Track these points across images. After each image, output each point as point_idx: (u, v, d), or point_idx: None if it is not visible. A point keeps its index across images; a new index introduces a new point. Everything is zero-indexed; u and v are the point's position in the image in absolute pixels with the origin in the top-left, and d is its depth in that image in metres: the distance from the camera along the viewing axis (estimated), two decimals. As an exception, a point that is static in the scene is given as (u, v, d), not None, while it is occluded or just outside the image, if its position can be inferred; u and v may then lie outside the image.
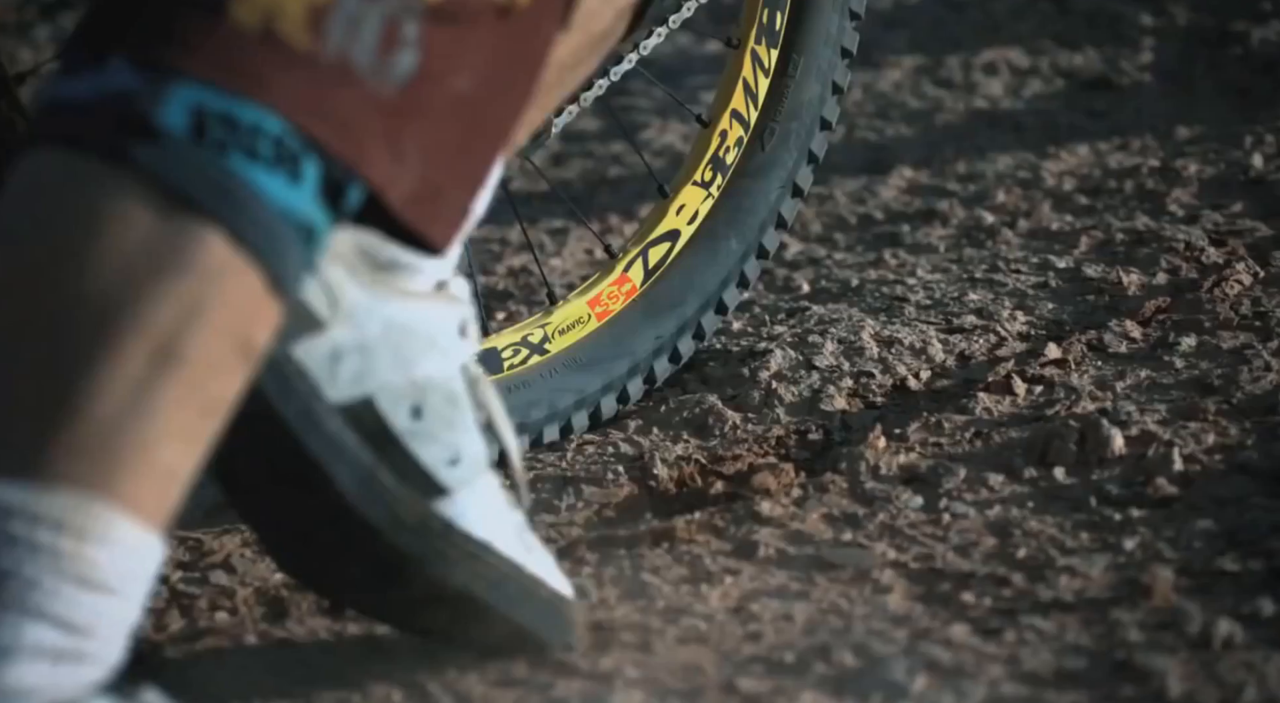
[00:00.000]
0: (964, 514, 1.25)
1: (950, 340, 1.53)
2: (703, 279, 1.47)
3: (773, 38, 1.48)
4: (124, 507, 0.88)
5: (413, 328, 1.05)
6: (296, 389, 1.01)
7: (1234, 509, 1.22)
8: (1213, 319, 1.50)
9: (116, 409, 0.88)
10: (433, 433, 1.05)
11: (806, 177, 1.50)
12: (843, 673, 1.06)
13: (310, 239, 0.93)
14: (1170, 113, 2.05)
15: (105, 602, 0.88)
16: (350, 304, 1.02)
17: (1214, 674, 1.03)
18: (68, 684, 0.88)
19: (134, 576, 0.89)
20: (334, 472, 1.02)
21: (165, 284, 0.89)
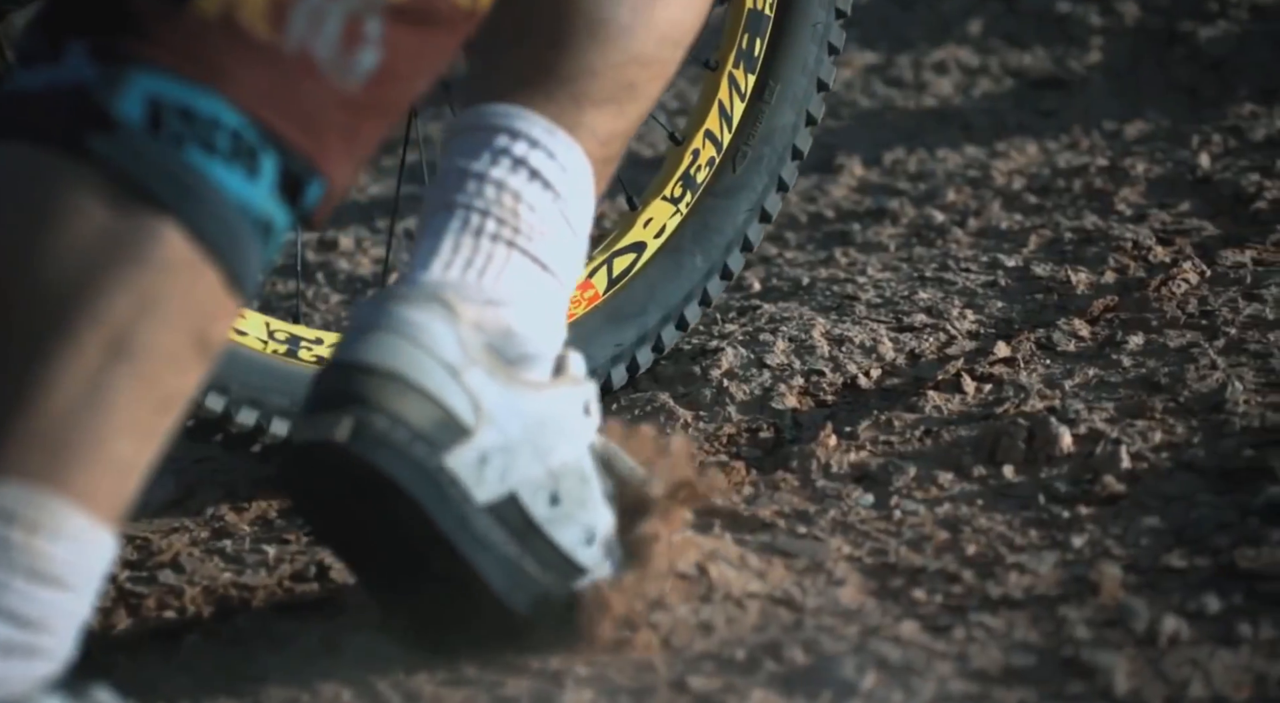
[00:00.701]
0: (914, 512, 1.25)
1: (900, 339, 1.54)
2: (665, 293, 1.48)
3: (751, 63, 1.50)
4: (77, 500, 0.88)
5: (547, 419, 1.08)
6: (450, 497, 1.04)
7: (1181, 507, 1.23)
8: (1160, 318, 1.51)
9: (70, 402, 0.88)
10: (570, 515, 1.09)
11: (775, 203, 1.51)
12: (793, 671, 1.06)
13: (268, 235, 0.93)
14: (1118, 112, 2.06)
15: (57, 596, 0.88)
16: (491, 407, 1.05)
17: (1160, 671, 1.04)
18: (17, 679, 0.87)
19: (86, 570, 0.89)
20: (484, 570, 1.06)
21: (120, 277, 0.89)
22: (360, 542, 1.08)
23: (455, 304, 1.06)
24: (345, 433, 1.02)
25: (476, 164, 1.10)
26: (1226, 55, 2.15)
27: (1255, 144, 1.91)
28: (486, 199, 1.09)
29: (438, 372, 1.04)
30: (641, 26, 1.12)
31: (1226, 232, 1.69)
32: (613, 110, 1.13)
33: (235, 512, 1.36)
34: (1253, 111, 2.00)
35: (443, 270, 1.08)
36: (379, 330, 1.05)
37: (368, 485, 1.04)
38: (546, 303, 1.11)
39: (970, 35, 2.33)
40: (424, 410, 1.04)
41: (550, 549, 1.08)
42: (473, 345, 1.05)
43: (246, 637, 1.15)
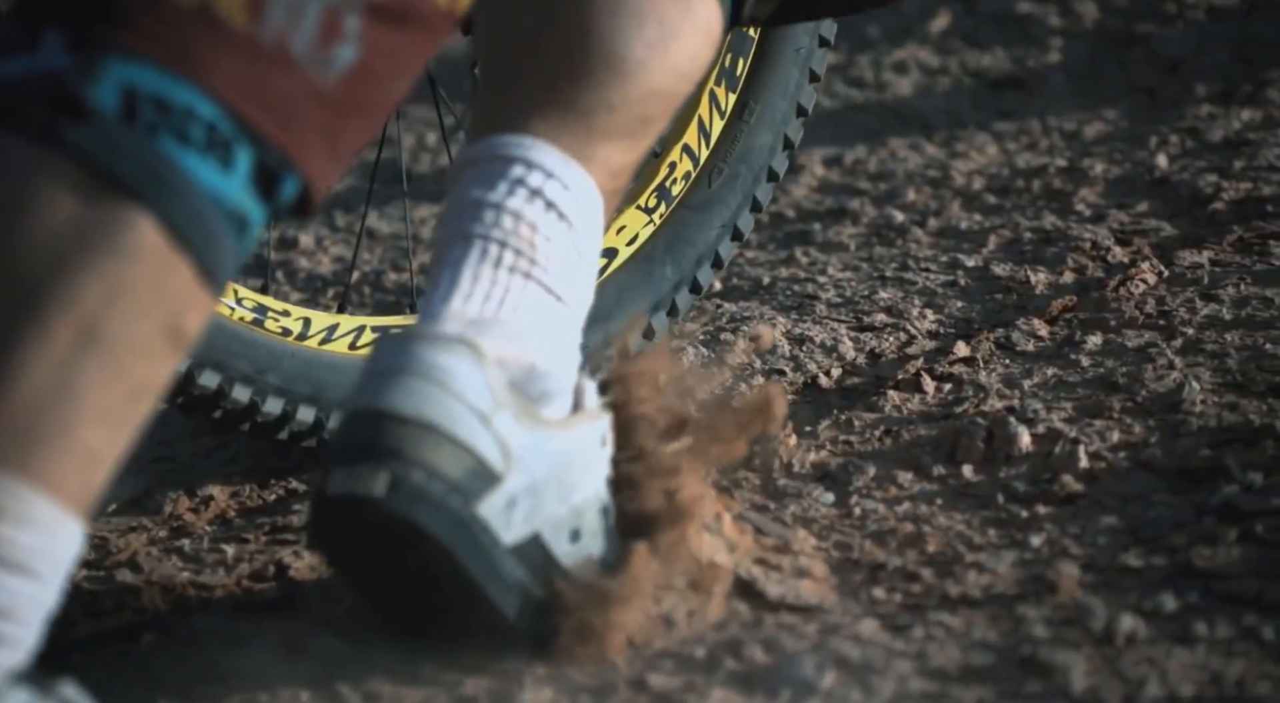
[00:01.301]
0: (874, 511, 1.26)
1: (860, 338, 1.54)
2: (634, 299, 1.48)
3: (732, 82, 1.50)
4: (45, 488, 0.88)
5: (570, 457, 1.08)
6: (481, 545, 1.05)
7: (1138, 506, 1.23)
8: (1118, 318, 1.52)
9: (38, 390, 0.88)
10: (588, 550, 1.09)
11: (748, 222, 1.52)
12: (752, 669, 1.07)
13: (243, 229, 0.93)
14: (1077, 113, 2.07)
15: (22, 584, 0.88)
16: (519, 450, 1.06)
17: (1117, 670, 1.04)
18: None
19: (52, 558, 0.89)
20: (505, 608, 1.06)
21: (91, 265, 0.89)
22: (385, 582, 1.09)
23: (480, 344, 1.06)
24: (382, 488, 1.03)
25: (493, 194, 1.10)
26: (1184, 57, 2.16)
27: (1213, 145, 1.92)
28: (504, 230, 1.10)
29: (469, 419, 1.04)
30: (658, 61, 1.12)
31: (1184, 232, 1.70)
32: (626, 144, 1.13)
33: (193, 511, 1.35)
34: (1210, 113, 2.01)
35: (463, 304, 1.08)
36: (408, 375, 1.05)
37: (403, 537, 1.04)
38: (563, 334, 1.11)
39: (930, 36, 2.34)
40: (457, 460, 1.04)
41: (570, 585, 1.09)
42: (499, 387, 1.06)
43: (204, 637, 1.14)
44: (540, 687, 1.05)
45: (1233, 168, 1.83)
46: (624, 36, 1.11)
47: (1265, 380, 1.37)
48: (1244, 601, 1.10)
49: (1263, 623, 1.07)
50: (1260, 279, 1.57)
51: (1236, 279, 1.56)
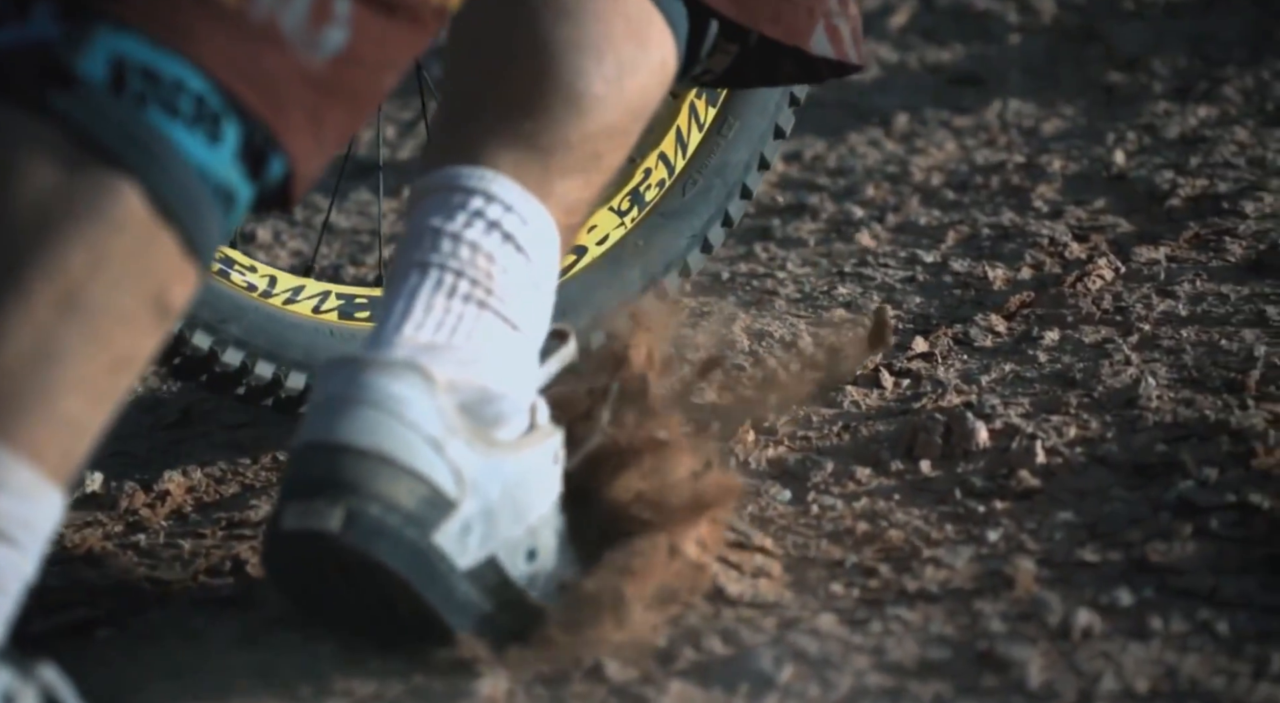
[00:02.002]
0: (832, 507, 1.26)
1: (819, 333, 1.55)
2: (599, 298, 1.48)
3: (713, 97, 1.52)
4: (24, 455, 0.88)
5: (525, 478, 1.08)
6: (438, 573, 1.05)
7: (1094, 501, 1.24)
8: (1075, 314, 1.53)
9: (18, 357, 0.87)
10: (545, 569, 1.09)
11: (718, 235, 1.52)
12: (711, 661, 1.07)
13: (230, 205, 0.93)
14: (1035, 109, 2.08)
15: (2, 552, 0.88)
16: (473, 476, 1.05)
17: (1073, 664, 1.05)
18: None
19: (31, 526, 0.89)
20: (460, 629, 1.06)
21: (74, 233, 0.89)
22: (342, 611, 1.08)
23: (430, 369, 1.06)
24: (338, 523, 1.02)
25: (451, 224, 1.10)
26: (1142, 54, 2.17)
27: (1169, 142, 1.93)
28: (461, 260, 1.10)
29: (423, 448, 1.04)
30: (615, 98, 1.13)
31: (1141, 228, 1.71)
32: (580, 180, 1.14)
33: (150, 507, 1.34)
34: (1167, 109, 2.02)
35: (415, 331, 1.08)
36: (360, 405, 1.04)
37: (360, 571, 1.04)
38: (517, 359, 1.11)
39: (889, 32, 2.34)
40: (412, 491, 1.04)
41: (524, 603, 1.09)
42: (450, 413, 1.05)
43: (160, 632, 1.14)
44: (495, 677, 1.05)
45: (1189, 164, 1.84)
46: (583, 73, 1.12)
47: (1220, 376, 1.38)
48: (1199, 595, 1.11)
49: (1217, 618, 1.08)
50: (1216, 275, 1.57)
51: (1192, 275, 1.57)
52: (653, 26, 1.15)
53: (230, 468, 1.40)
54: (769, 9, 1.19)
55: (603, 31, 1.12)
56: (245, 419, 1.49)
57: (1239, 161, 1.84)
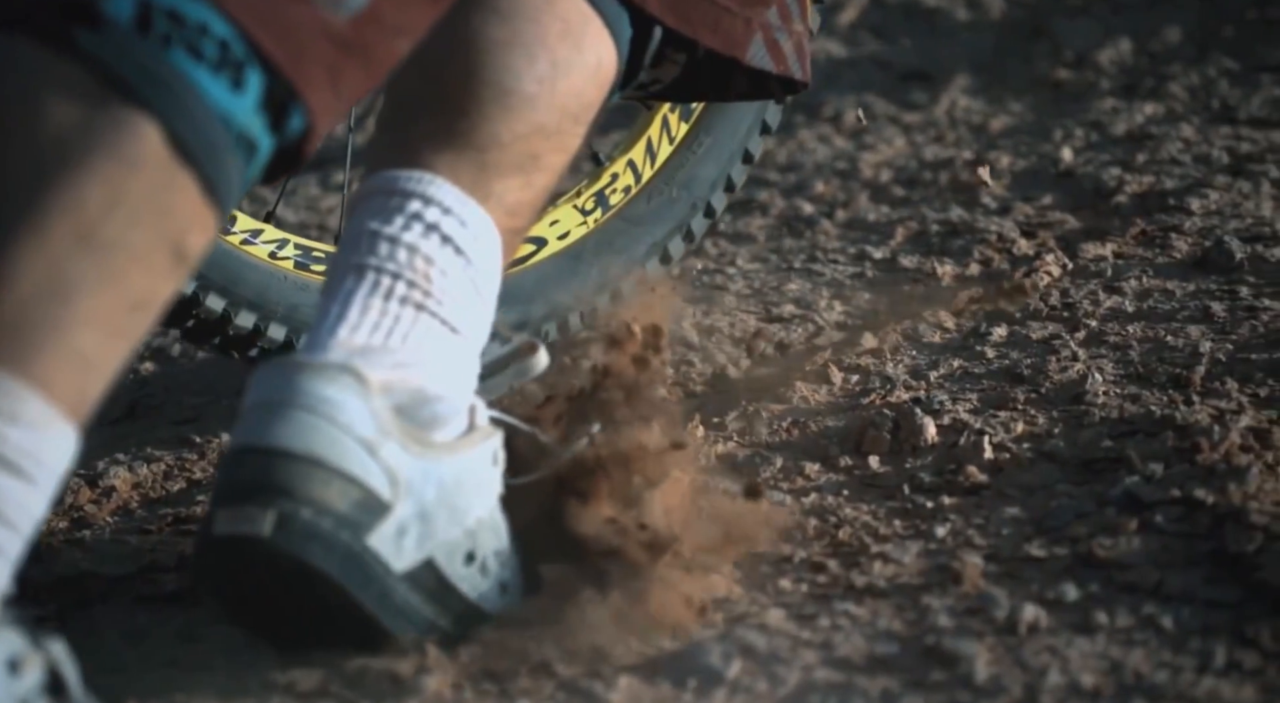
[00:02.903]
0: (781, 502, 1.26)
1: (769, 329, 1.55)
2: (555, 291, 1.48)
3: (686, 112, 1.53)
4: (36, 387, 0.87)
5: (462, 480, 1.07)
6: (373, 576, 1.04)
7: (1041, 497, 1.24)
8: (1023, 310, 1.53)
9: (34, 289, 0.88)
10: (484, 570, 1.09)
11: (678, 248, 1.53)
12: (659, 657, 1.07)
13: (251, 155, 0.93)
14: (983, 106, 2.09)
15: (13, 484, 0.87)
16: (408, 477, 1.05)
17: (1019, 659, 1.05)
18: None
19: (44, 462, 0.88)
20: (398, 632, 1.06)
21: (93, 170, 0.89)
22: (277, 617, 1.07)
23: (364, 372, 1.05)
24: (269, 527, 1.02)
25: (389, 228, 1.10)
26: (1089, 51, 2.18)
27: (1116, 138, 1.94)
28: (399, 263, 1.09)
29: (356, 451, 1.04)
30: (545, 97, 1.13)
31: (1088, 225, 1.72)
32: (519, 181, 1.14)
33: (95, 503, 1.34)
34: (1114, 106, 2.03)
35: (349, 334, 1.07)
36: (293, 408, 1.03)
37: (293, 575, 1.03)
38: (456, 362, 1.11)
39: (839, 28, 2.35)
40: (345, 494, 1.03)
41: (464, 604, 1.09)
42: (384, 415, 1.05)
43: (105, 628, 1.13)
44: (442, 672, 1.05)
45: (1136, 161, 1.85)
46: (514, 72, 1.12)
47: (1166, 372, 1.39)
48: (1143, 590, 1.11)
49: (1162, 613, 1.08)
50: (1162, 272, 1.58)
51: (1139, 272, 1.58)
52: (589, 29, 1.15)
53: (177, 464, 1.39)
54: (708, 18, 1.19)
55: (536, 32, 1.12)
56: (192, 415, 1.48)
57: (1185, 159, 1.85)
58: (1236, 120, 1.94)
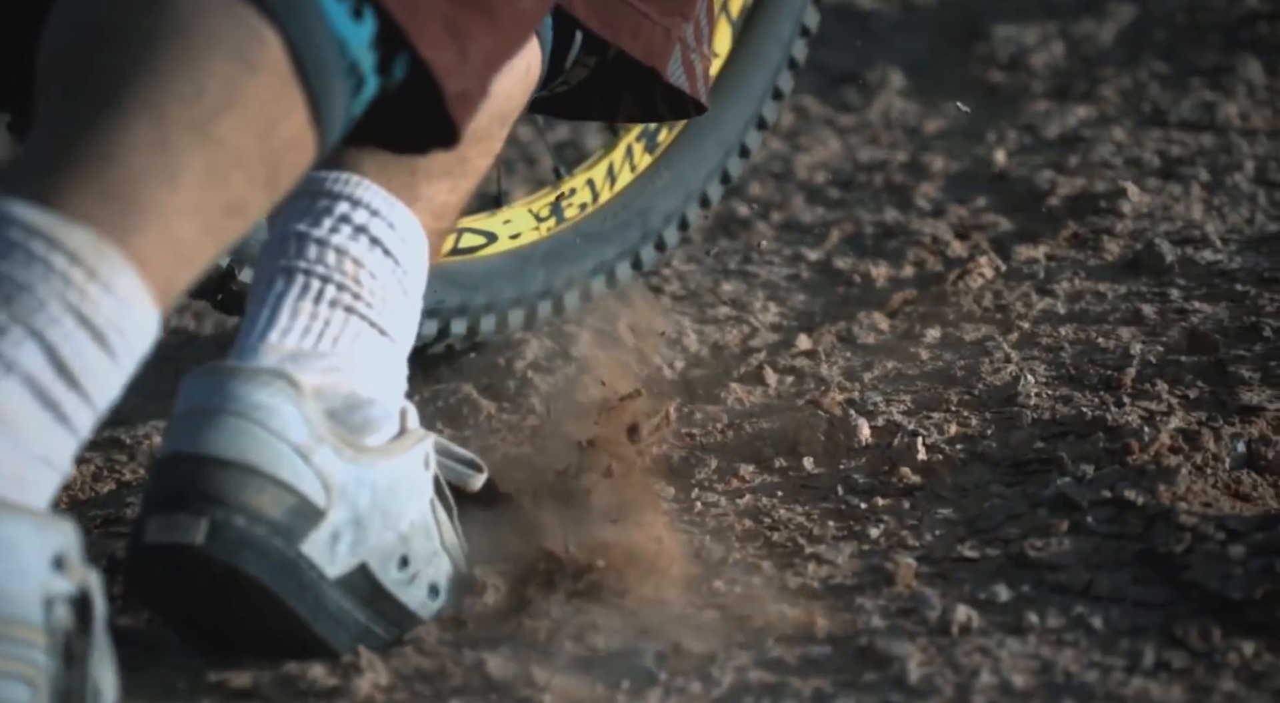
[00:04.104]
0: (715, 503, 1.27)
1: (704, 331, 1.55)
2: (499, 287, 1.48)
3: (652, 145, 1.54)
4: (135, 263, 0.88)
5: (395, 484, 1.07)
6: (306, 582, 1.04)
7: (973, 498, 1.25)
8: (956, 311, 1.54)
9: (145, 168, 0.88)
10: (418, 575, 1.09)
11: (625, 272, 1.54)
12: (593, 658, 1.07)
13: (358, 92, 0.94)
14: (918, 108, 2.10)
15: (95, 353, 0.87)
16: (341, 483, 1.04)
17: (951, 659, 1.06)
18: (39, 441, 0.86)
19: (129, 339, 0.88)
20: (336, 643, 1.06)
21: (215, 66, 0.90)
22: (211, 625, 1.07)
23: (296, 376, 1.05)
24: (202, 536, 1.01)
25: (317, 230, 1.09)
26: (1022, 53, 2.20)
27: (1049, 141, 1.95)
28: (328, 265, 1.09)
29: (290, 457, 1.03)
30: None
31: (1021, 227, 1.73)
32: (447, 184, 1.14)
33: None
34: (1047, 109, 2.04)
35: (280, 338, 1.07)
36: (225, 414, 1.03)
37: (226, 583, 1.03)
38: (386, 365, 1.10)
39: (775, 29, 2.35)
40: (279, 500, 1.03)
41: (398, 610, 1.09)
42: (317, 420, 1.04)
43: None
44: (375, 672, 1.05)
45: (1068, 164, 1.87)
46: None
47: (1098, 374, 1.40)
48: (1074, 591, 1.12)
49: (1092, 613, 1.09)
50: (1093, 274, 1.60)
51: (1071, 274, 1.60)
52: None
53: (106, 465, 1.38)
54: (630, 24, 1.19)
55: None
56: (122, 416, 1.47)
57: (1116, 161, 1.86)
58: (1167, 123, 1.96)
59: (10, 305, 0.86)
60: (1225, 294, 1.53)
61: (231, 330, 1.59)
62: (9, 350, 0.85)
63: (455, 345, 1.48)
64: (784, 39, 1.57)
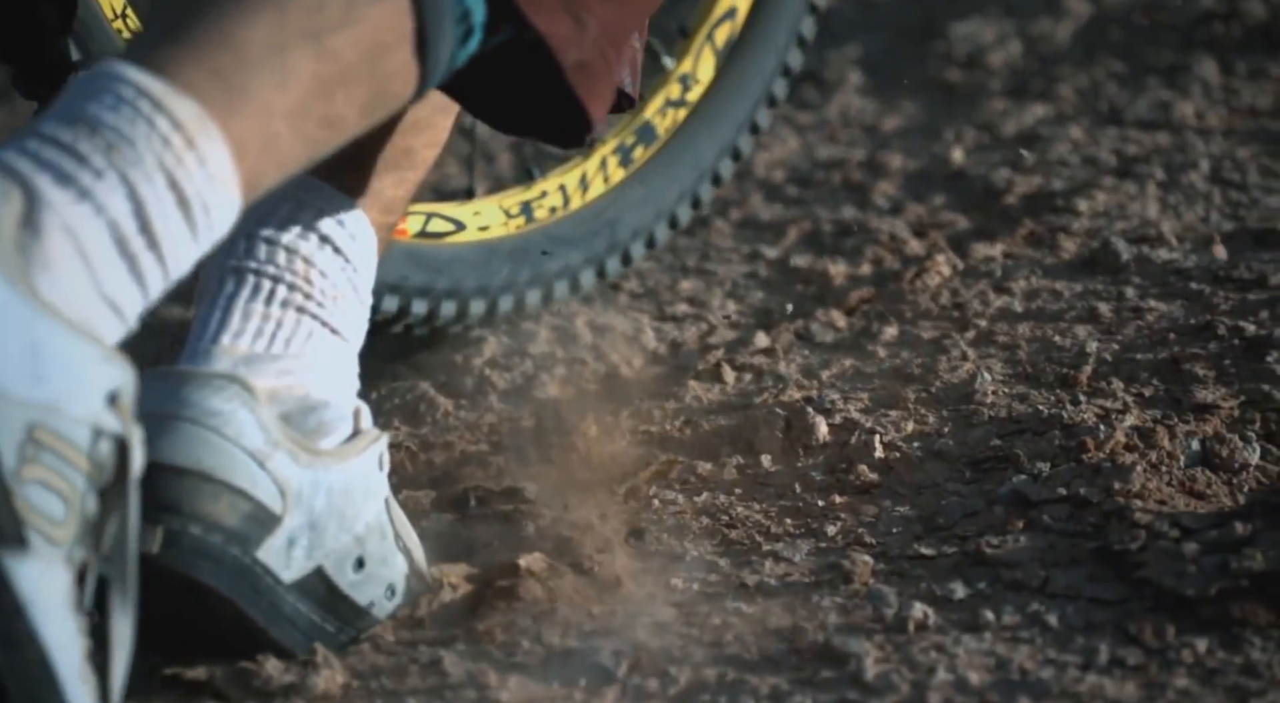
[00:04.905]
0: (673, 501, 1.27)
1: (662, 328, 1.55)
2: (463, 273, 1.49)
3: (626, 160, 1.55)
4: (231, 146, 0.89)
5: (350, 487, 1.06)
6: (262, 588, 1.03)
7: (930, 495, 1.26)
8: (914, 309, 1.55)
9: (259, 61, 0.90)
10: (374, 576, 1.08)
11: (589, 279, 1.55)
12: (550, 656, 1.07)
13: (463, 45, 0.95)
14: (876, 107, 2.10)
15: (178, 220, 0.88)
16: (297, 488, 1.04)
17: (908, 657, 1.06)
18: (111, 284, 0.87)
19: (209, 215, 0.89)
20: (288, 643, 1.05)
21: None
22: (166, 631, 1.06)
23: (250, 381, 1.04)
24: (157, 545, 1.01)
25: (266, 229, 1.09)
26: (980, 52, 2.20)
27: (1006, 139, 1.96)
28: (278, 265, 1.09)
29: (245, 463, 1.02)
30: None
31: (978, 225, 1.74)
32: (394, 177, 1.13)
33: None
34: (1004, 108, 2.05)
35: (233, 341, 1.06)
36: (180, 421, 1.02)
37: (182, 592, 1.02)
38: (339, 366, 1.10)
39: (734, 27, 2.35)
40: (235, 507, 1.02)
41: (353, 611, 1.08)
42: (272, 425, 1.04)
43: None
44: (331, 669, 1.04)
45: (1024, 162, 1.87)
46: None
47: (1054, 372, 1.41)
48: (1030, 588, 1.13)
49: (1047, 610, 1.10)
50: (1050, 272, 1.60)
51: (1028, 272, 1.60)
52: None
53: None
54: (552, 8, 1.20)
55: None
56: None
57: (1073, 160, 1.87)
58: (1123, 122, 1.97)
59: (110, 153, 0.87)
60: (1180, 293, 1.53)
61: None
62: (102, 194, 0.87)
63: (414, 327, 1.47)
64: (766, 74, 1.61)
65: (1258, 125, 1.92)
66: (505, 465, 1.33)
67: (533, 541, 1.20)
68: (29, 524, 0.85)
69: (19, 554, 0.84)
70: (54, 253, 0.86)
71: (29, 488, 0.85)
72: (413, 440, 1.37)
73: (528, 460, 1.33)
